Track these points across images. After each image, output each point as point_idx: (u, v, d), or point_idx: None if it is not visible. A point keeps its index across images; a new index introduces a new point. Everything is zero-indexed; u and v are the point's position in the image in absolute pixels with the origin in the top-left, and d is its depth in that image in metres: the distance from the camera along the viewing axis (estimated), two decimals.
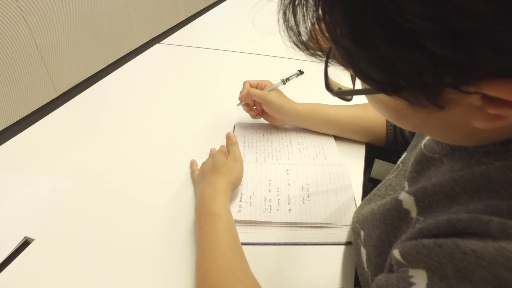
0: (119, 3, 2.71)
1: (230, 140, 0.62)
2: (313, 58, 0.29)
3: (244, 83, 0.70)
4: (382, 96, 0.27)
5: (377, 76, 0.23)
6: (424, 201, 0.31)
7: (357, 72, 0.24)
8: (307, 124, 0.71)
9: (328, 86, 0.34)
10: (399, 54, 0.20)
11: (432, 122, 0.27)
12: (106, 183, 0.61)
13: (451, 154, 0.33)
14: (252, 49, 1.14)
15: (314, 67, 0.38)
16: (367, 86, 0.26)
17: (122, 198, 0.58)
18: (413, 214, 0.32)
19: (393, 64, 0.21)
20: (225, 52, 1.13)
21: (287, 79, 0.67)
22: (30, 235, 0.51)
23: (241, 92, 0.70)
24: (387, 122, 0.68)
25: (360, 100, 0.84)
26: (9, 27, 1.90)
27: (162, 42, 1.20)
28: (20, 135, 0.73)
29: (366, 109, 0.71)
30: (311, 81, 0.96)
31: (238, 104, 0.71)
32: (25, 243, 0.51)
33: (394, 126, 0.68)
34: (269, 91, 0.68)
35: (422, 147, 0.38)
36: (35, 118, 0.77)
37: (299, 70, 0.68)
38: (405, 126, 0.31)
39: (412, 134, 0.63)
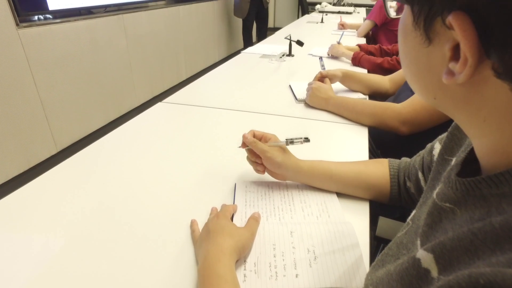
0: (124, 63, 2.84)
1: (254, 216, 0.61)
2: None
3: (250, 131, 0.71)
4: (405, 9, 0.32)
5: None
6: (444, 258, 0.29)
7: None
8: (309, 180, 0.70)
9: None
10: None
11: (420, 57, 0.31)
12: (101, 245, 0.58)
13: (464, 202, 0.31)
14: (250, 107, 1.18)
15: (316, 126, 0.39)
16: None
17: (118, 261, 0.54)
18: (434, 273, 0.30)
19: None
20: (225, 110, 1.16)
21: (291, 142, 0.69)
22: None
23: (244, 137, 0.69)
24: (391, 178, 0.67)
25: (361, 157, 0.85)
26: (16, 81, 1.97)
27: (164, 100, 1.23)
28: (16, 192, 0.71)
29: (369, 165, 0.71)
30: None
31: (240, 147, 0.71)
32: None
33: (398, 181, 0.67)
34: (271, 146, 0.68)
35: (434, 196, 0.37)
36: (33, 174, 0.76)
37: (306, 138, 0.69)
38: (404, 54, 0.34)
39: (418, 191, 0.62)
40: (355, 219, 0.63)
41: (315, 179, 0.70)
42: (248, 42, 4.76)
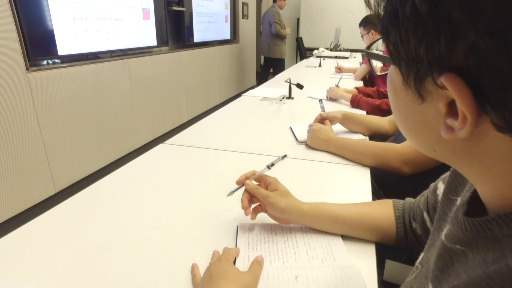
0: (126, 104, 2.90)
1: (257, 260, 0.60)
2: None
3: (251, 172, 0.72)
4: (392, 68, 0.32)
5: (391, 47, 0.28)
6: None
7: (388, 41, 0.29)
8: (313, 223, 0.69)
9: (369, 48, 0.41)
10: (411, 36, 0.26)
11: (414, 114, 0.30)
12: None
13: (475, 244, 0.30)
14: (251, 149, 1.18)
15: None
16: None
17: None
18: None
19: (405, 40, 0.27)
20: (226, 152, 1.16)
21: (272, 164, 0.74)
22: None
23: (246, 183, 0.69)
24: (397, 219, 0.66)
25: (364, 198, 0.84)
26: (21, 123, 1.99)
27: (165, 142, 1.24)
28: (10, 234, 0.69)
29: (373, 207, 0.70)
30: (312, 176, 0.96)
31: (230, 194, 0.74)
32: None
33: (404, 222, 0.66)
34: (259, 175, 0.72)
35: (443, 238, 0.36)
36: (29, 216, 0.74)
37: (284, 156, 0.73)
38: (398, 111, 0.33)
39: (424, 233, 0.60)
40: (362, 263, 0.61)
41: (319, 222, 0.69)
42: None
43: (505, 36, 0.21)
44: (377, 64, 1.08)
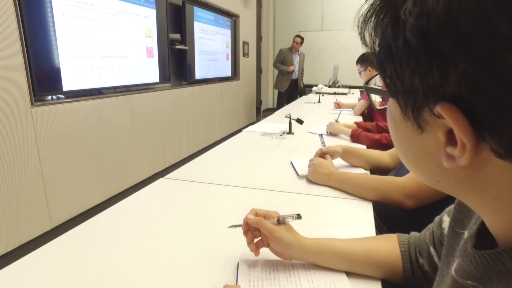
0: (128, 139, 2.92)
1: None
2: None
3: (251, 211, 0.69)
4: (391, 101, 0.32)
5: (388, 80, 0.29)
6: None
7: (385, 75, 0.29)
8: (316, 259, 0.67)
9: (367, 83, 0.41)
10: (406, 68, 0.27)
11: (415, 145, 0.31)
12: None
13: (488, 279, 0.29)
14: (252, 184, 1.17)
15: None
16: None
17: None
18: None
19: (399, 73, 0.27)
20: (227, 187, 1.15)
21: (283, 218, 0.68)
22: None
23: (248, 218, 0.67)
24: (402, 254, 0.64)
25: (367, 233, 0.82)
26: (21, 157, 1.99)
27: (165, 176, 1.24)
28: (1, 271, 0.67)
29: (377, 241, 0.68)
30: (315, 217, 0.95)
31: (232, 226, 0.71)
32: None
33: (410, 258, 0.64)
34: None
35: (453, 273, 0.35)
36: (23, 252, 0.72)
37: (298, 215, 0.68)
38: (399, 143, 0.33)
39: (432, 269, 0.58)
40: None
41: (322, 258, 0.67)
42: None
43: (493, 64, 0.21)
44: (375, 99, 1.10)
